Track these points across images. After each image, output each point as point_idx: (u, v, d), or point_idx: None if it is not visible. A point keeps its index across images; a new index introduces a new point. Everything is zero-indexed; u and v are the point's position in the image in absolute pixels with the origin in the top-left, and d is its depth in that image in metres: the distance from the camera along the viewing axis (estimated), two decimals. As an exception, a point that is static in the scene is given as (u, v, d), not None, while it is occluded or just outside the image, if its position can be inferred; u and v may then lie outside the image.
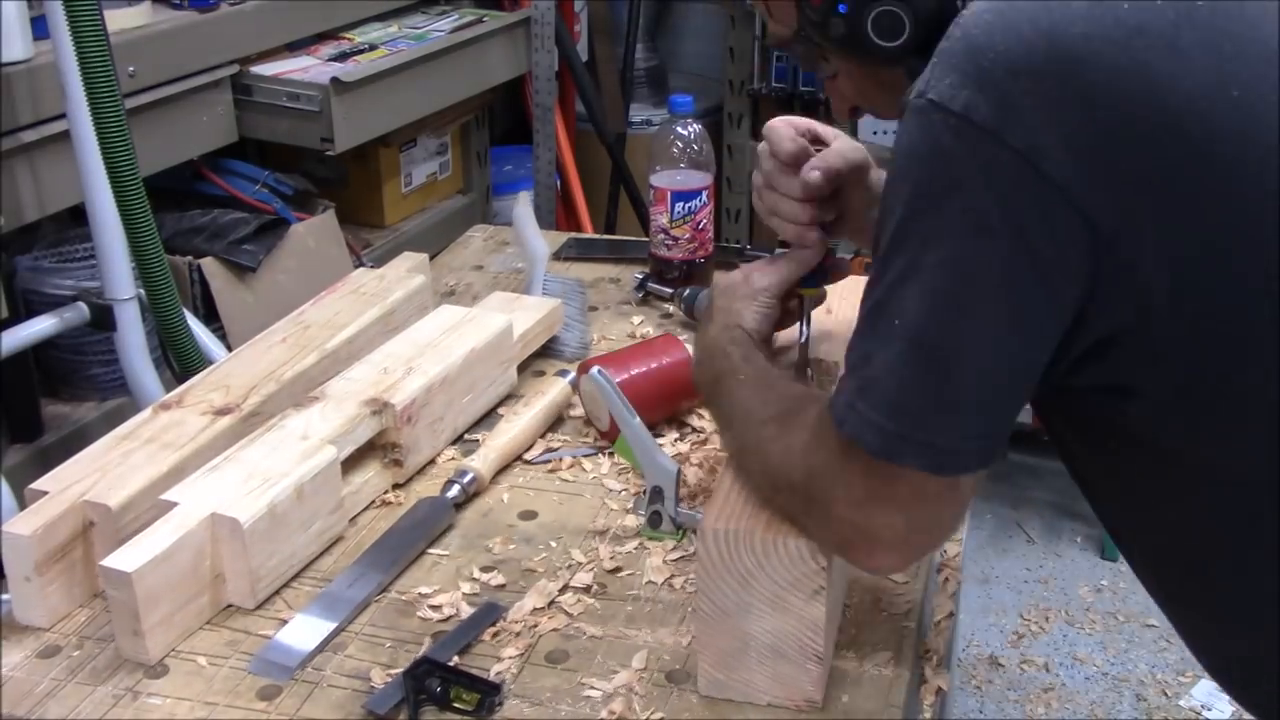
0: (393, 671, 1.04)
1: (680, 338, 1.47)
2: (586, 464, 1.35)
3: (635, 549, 1.21)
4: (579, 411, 1.44)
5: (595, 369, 1.24)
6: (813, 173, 1.09)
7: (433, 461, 1.35)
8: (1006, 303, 0.84)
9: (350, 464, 1.26)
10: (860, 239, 1.19)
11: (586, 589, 1.15)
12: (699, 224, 1.70)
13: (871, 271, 0.90)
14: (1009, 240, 0.82)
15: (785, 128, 1.13)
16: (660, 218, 1.70)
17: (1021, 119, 0.81)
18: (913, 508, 0.90)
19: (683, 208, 1.68)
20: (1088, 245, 0.82)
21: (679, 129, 1.71)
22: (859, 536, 0.93)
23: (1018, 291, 0.84)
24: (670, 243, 1.71)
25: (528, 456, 1.36)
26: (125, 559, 1.04)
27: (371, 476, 1.28)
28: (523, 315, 1.50)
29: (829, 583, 0.97)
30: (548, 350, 1.56)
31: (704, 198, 1.69)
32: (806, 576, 0.96)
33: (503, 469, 1.33)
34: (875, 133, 3.25)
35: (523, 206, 1.80)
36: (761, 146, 1.14)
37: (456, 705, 1.00)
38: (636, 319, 1.68)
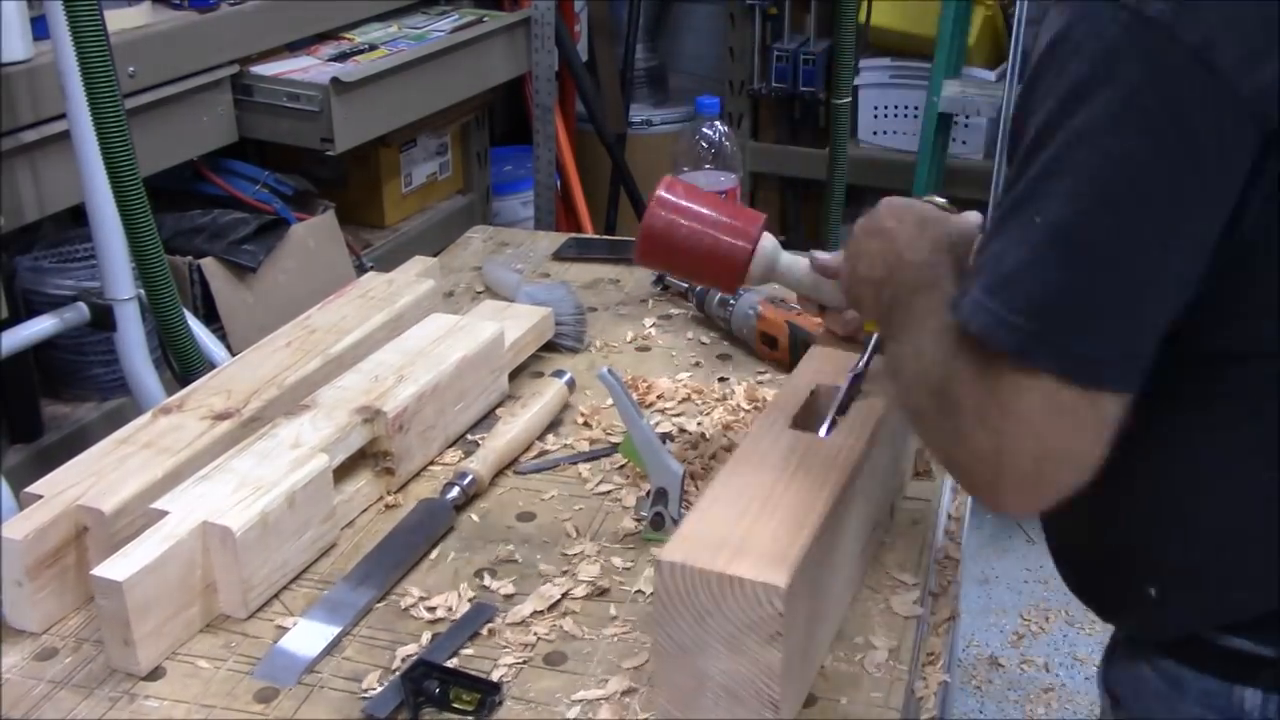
0: (391, 673, 1.04)
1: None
2: (585, 466, 1.35)
3: (634, 551, 1.20)
4: (577, 413, 1.44)
5: (605, 368, 1.23)
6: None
7: (432, 463, 1.35)
8: (1166, 202, 0.80)
9: (342, 472, 1.25)
10: None
11: (585, 591, 1.15)
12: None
13: (1010, 173, 0.87)
14: (1175, 139, 0.79)
15: None
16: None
17: (1197, 13, 0.78)
18: (1044, 425, 0.83)
19: None
20: (1258, 145, 0.79)
21: (705, 130, 1.73)
22: (986, 462, 0.85)
23: (1178, 192, 0.80)
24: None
25: (526, 458, 1.36)
26: (116, 568, 1.03)
27: (363, 485, 1.28)
28: (514, 323, 1.50)
29: (788, 628, 0.91)
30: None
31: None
32: (763, 620, 0.91)
33: (501, 470, 1.33)
34: (875, 133, 3.26)
35: (488, 264, 1.82)
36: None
37: (456, 706, 1.00)
38: (642, 320, 1.67)
